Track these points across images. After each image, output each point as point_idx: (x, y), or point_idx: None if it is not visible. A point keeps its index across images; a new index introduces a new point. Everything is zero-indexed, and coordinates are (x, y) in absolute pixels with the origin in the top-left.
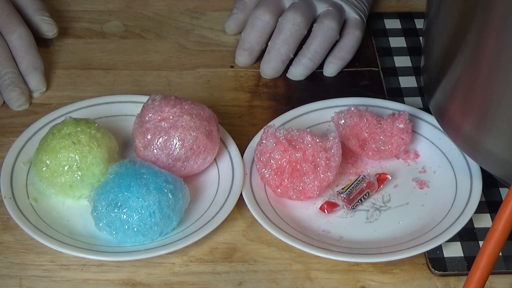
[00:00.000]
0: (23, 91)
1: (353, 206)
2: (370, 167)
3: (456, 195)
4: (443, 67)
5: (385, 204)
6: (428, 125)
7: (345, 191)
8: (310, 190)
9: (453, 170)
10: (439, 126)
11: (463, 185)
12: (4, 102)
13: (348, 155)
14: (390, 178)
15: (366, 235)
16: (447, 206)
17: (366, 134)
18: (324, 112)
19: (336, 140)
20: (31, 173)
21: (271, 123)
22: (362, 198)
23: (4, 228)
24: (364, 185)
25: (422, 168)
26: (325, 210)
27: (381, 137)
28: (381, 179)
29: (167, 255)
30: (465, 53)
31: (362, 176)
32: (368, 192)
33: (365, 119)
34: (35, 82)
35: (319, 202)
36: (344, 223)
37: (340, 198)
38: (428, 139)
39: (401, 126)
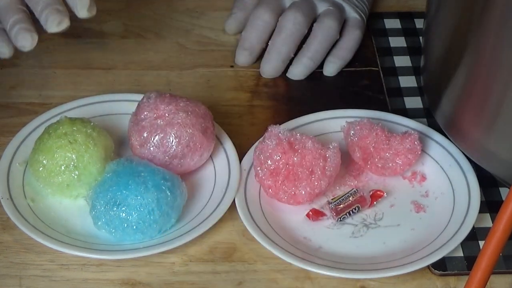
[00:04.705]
0: (61, 11)
1: (341, 218)
2: (373, 182)
3: (449, 224)
4: (443, 67)
5: (375, 222)
6: (442, 150)
7: (334, 201)
8: (301, 196)
9: (454, 199)
10: (453, 152)
11: (458, 215)
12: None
13: (353, 167)
14: (385, 196)
15: (346, 249)
16: (436, 232)
17: (371, 149)
18: (338, 121)
19: (335, 150)
20: (28, 173)
21: (281, 125)
22: (351, 212)
23: (4, 228)
24: (354, 198)
25: (425, 192)
26: (310, 218)
27: (387, 154)
28: (374, 195)
29: (167, 254)
30: (465, 52)
31: (354, 189)
32: (358, 207)
33: (374, 133)
34: None
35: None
36: (328, 234)
37: (328, 208)
38: (438, 163)
39: (408, 146)
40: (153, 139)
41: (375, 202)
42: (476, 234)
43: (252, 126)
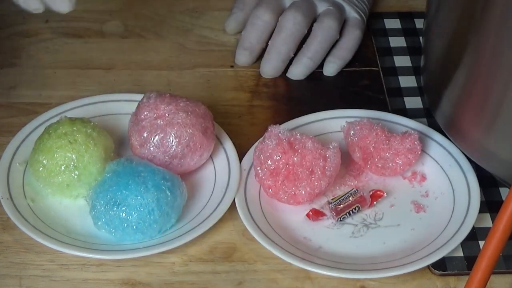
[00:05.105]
0: None
1: (341, 218)
2: (373, 182)
3: (449, 224)
4: (442, 67)
5: (375, 222)
6: (442, 150)
7: (334, 201)
8: (301, 195)
9: (454, 200)
10: (453, 152)
11: (458, 215)
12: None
13: (353, 167)
14: (385, 196)
15: (346, 249)
16: (436, 232)
17: (371, 149)
18: (338, 121)
19: (335, 150)
20: (27, 173)
21: (281, 125)
22: (351, 212)
23: (4, 228)
24: (354, 198)
25: (425, 192)
26: (310, 218)
27: (387, 154)
28: (374, 195)
29: (167, 254)
30: (465, 52)
31: (354, 189)
32: (358, 207)
33: (374, 133)
34: None
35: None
36: (328, 234)
37: (328, 208)
38: (438, 163)
39: (408, 146)
40: (153, 139)
41: (375, 202)
42: (476, 234)
43: (252, 126)
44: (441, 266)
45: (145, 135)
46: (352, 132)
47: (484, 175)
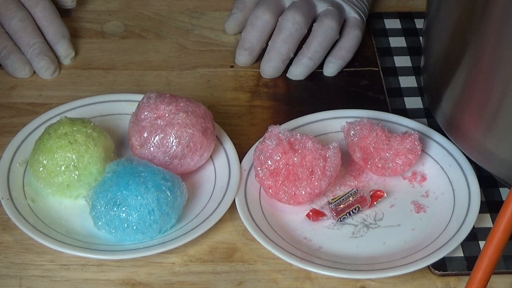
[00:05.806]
0: (52, 59)
1: (341, 218)
2: (373, 182)
3: (449, 224)
4: (443, 67)
5: (375, 222)
6: (442, 150)
7: (334, 201)
8: (301, 196)
9: (454, 200)
10: (453, 152)
11: (459, 215)
12: (34, 72)
13: (353, 167)
14: (386, 196)
15: (346, 249)
16: (436, 233)
17: (372, 149)
18: (338, 121)
19: (335, 150)
20: (28, 174)
21: (281, 126)
22: (351, 212)
23: (4, 228)
24: (354, 199)
25: (426, 192)
26: (311, 218)
27: (387, 154)
28: (375, 196)
29: (167, 254)
30: (465, 52)
31: (354, 190)
32: (358, 207)
33: (374, 133)
34: (64, 48)
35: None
36: (328, 234)
37: (329, 208)
38: (438, 163)
39: (408, 146)
40: (153, 139)
41: (375, 202)
42: (476, 234)
43: (252, 126)
44: (441, 267)
45: (145, 135)
46: (352, 132)
47: (484, 175)
